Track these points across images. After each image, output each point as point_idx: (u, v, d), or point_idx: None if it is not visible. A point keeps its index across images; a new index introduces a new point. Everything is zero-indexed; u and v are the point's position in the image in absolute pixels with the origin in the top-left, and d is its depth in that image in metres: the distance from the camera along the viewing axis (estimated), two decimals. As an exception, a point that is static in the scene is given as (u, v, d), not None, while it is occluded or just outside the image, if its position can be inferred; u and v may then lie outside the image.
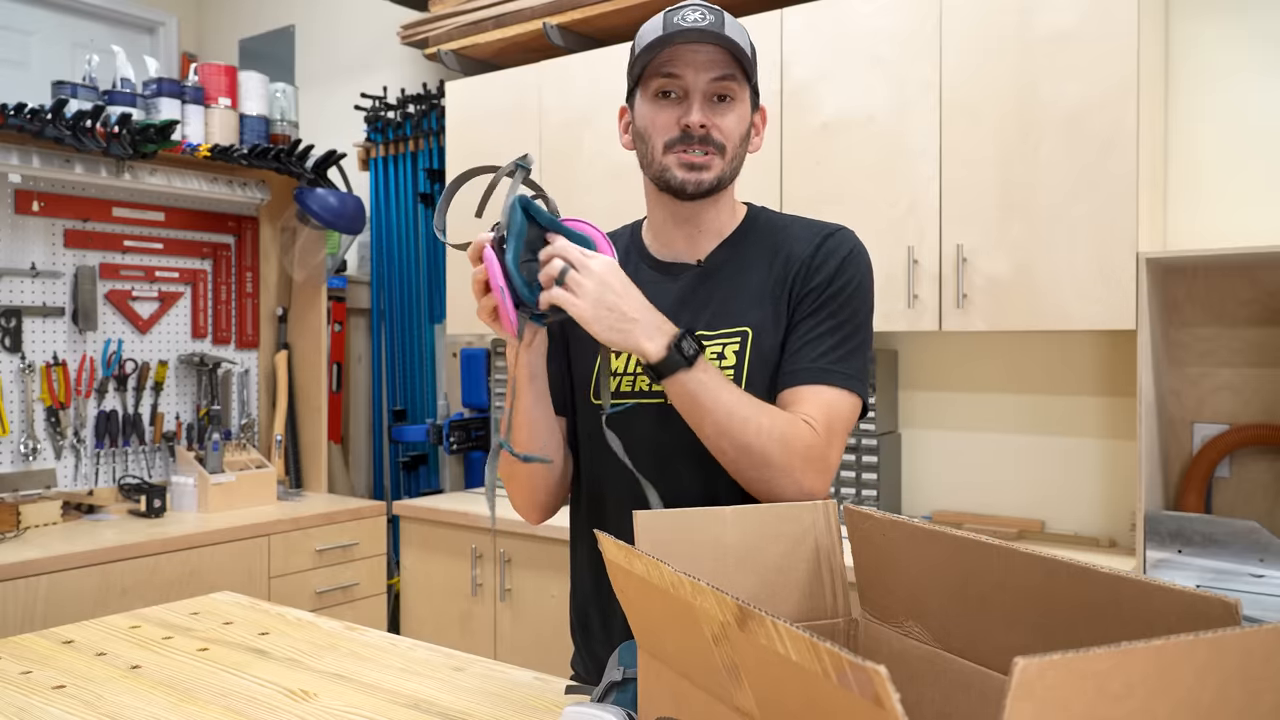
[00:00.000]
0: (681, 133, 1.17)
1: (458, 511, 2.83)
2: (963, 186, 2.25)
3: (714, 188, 1.19)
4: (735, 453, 1.11)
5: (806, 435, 1.12)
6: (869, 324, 1.22)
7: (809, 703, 0.56)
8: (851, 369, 1.17)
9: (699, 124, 1.16)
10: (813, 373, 1.16)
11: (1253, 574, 1.96)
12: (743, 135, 1.20)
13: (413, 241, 3.67)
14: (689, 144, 1.17)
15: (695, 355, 1.09)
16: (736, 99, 1.18)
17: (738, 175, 1.23)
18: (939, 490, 2.63)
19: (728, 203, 1.26)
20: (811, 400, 1.15)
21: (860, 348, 1.19)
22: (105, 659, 1.34)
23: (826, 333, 1.17)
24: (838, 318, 1.18)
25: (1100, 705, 0.48)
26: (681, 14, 1.15)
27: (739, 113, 1.19)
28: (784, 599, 0.95)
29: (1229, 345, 2.22)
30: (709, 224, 1.25)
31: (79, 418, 2.82)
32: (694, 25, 1.13)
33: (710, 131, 1.17)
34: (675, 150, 1.18)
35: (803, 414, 1.14)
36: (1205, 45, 2.27)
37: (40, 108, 2.50)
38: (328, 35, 4.15)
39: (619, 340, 1.07)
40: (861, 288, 1.20)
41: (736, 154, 1.20)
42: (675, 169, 1.18)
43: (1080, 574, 0.71)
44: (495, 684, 1.21)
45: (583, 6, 2.88)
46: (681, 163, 1.18)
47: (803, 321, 1.18)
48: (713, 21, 1.14)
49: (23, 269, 2.72)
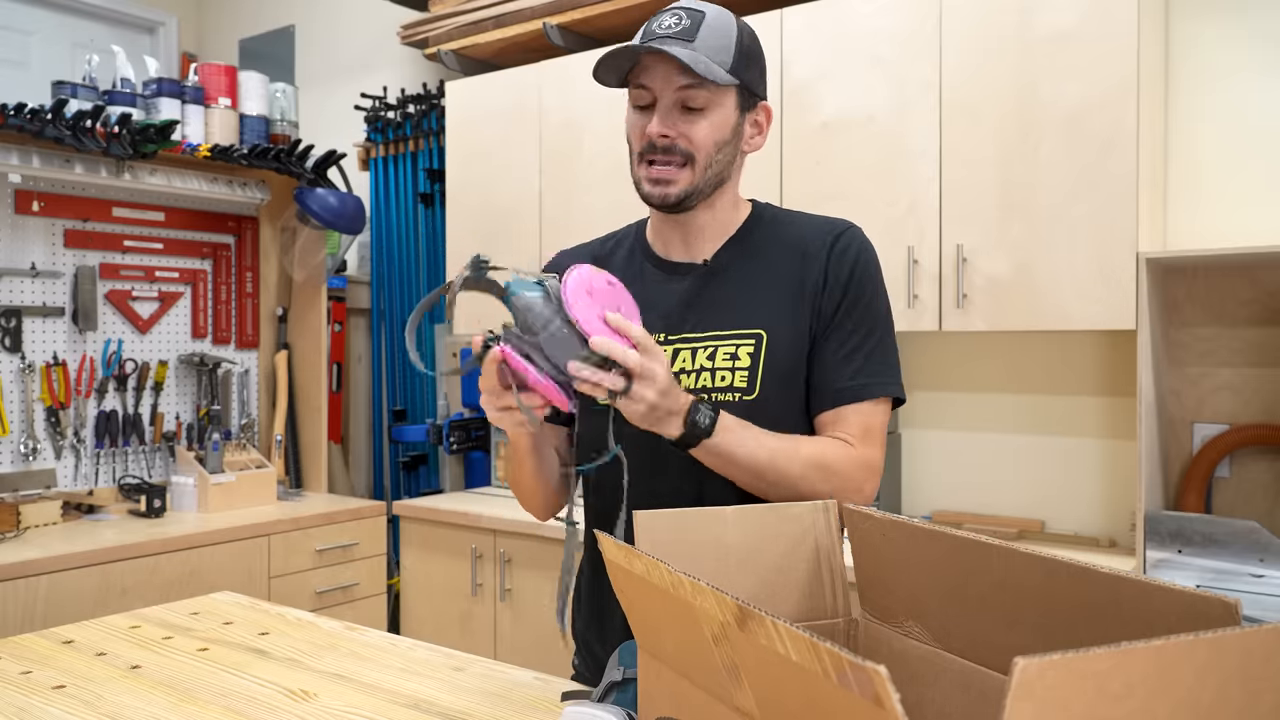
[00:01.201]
0: (649, 143, 1.17)
1: (458, 511, 2.83)
2: (963, 186, 2.25)
3: (683, 200, 1.18)
4: (778, 494, 1.12)
5: (845, 455, 1.15)
6: (889, 316, 1.24)
7: (809, 703, 0.56)
8: (884, 375, 1.19)
9: (659, 134, 1.15)
10: (849, 392, 1.18)
11: (1253, 574, 1.96)
12: (720, 141, 1.18)
13: (413, 241, 3.67)
14: (654, 154, 1.17)
15: (712, 423, 1.09)
16: (709, 106, 1.16)
17: (727, 179, 1.22)
18: (939, 490, 2.63)
19: (726, 203, 1.25)
20: (849, 419, 1.18)
21: (887, 347, 1.21)
22: (105, 659, 1.34)
23: (856, 348, 1.19)
24: (863, 326, 1.19)
25: (1100, 705, 0.48)
26: (660, 19, 1.15)
27: (713, 120, 1.16)
28: (784, 599, 0.95)
29: (1229, 345, 2.22)
30: (705, 227, 1.25)
31: (79, 418, 2.82)
32: (666, 33, 1.13)
33: (675, 141, 1.16)
34: (644, 161, 1.18)
35: (839, 433, 1.17)
36: (1205, 45, 2.27)
37: (40, 108, 2.50)
38: (328, 35, 4.15)
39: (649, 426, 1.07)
40: (877, 289, 1.22)
41: (713, 161, 1.18)
42: (644, 182, 1.19)
43: (1080, 574, 0.71)
44: (495, 684, 1.21)
45: (583, 6, 2.88)
46: (648, 177, 1.18)
47: (830, 337, 1.19)
48: (685, 28, 1.13)
49: (23, 269, 2.72)
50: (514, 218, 3.03)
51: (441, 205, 3.54)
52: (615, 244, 1.34)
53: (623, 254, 1.31)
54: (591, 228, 2.77)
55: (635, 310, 1.10)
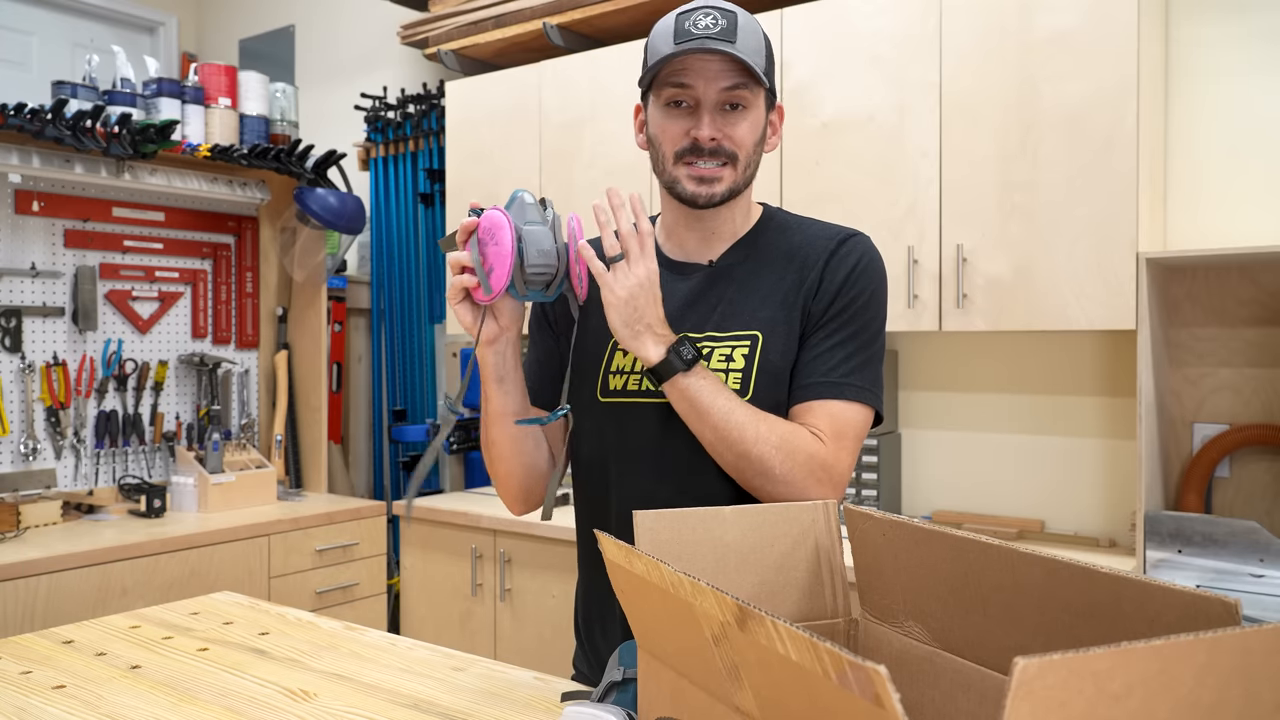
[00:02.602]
0: (692, 144, 1.16)
1: (458, 511, 2.83)
2: (963, 186, 2.25)
3: (725, 199, 1.19)
4: (734, 458, 1.12)
5: (809, 445, 1.12)
6: (882, 334, 1.21)
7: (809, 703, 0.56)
8: (864, 381, 1.17)
9: (709, 137, 1.15)
10: (824, 387, 1.16)
11: (1253, 574, 1.96)
12: (756, 141, 1.19)
13: (413, 241, 3.67)
14: (699, 155, 1.16)
15: (693, 360, 1.11)
16: (750, 106, 1.16)
17: (754, 179, 1.22)
18: (939, 490, 2.63)
19: (743, 206, 1.25)
20: (820, 412, 1.15)
21: (873, 359, 1.19)
22: (105, 659, 1.34)
23: (838, 345, 1.17)
24: (849, 329, 1.17)
25: (1100, 705, 0.48)
26: (694, 19, 1.13)
27: (752, 119, 1.17)
28: (784, 599, 0.95)
29: (1229, 345, 2.22)
30: (723, 227, 1.25)
31: (79, 418, 2.82)
32: (705, 33, 1.12)
33: (722, 143, 1.16)
34: (685, 161, 1.17)
35: (809, 425, 1.14)
36: (1205, 45, 2.27)
37: (40, 108, 2.50)
38: (328, 35, 4.15)
39: (628, 337, 1.11)
40: (874, 298, 1.20)
41: (750, 161, 1.19)
42: (685, 181, 1.18)
43: (1080, 574, 0.71)
44: (495, 684, 1.21)
45: (583, 6, 2.88)
46: (691, 175, 1.17)
47: (815, 334, 1.18)
48: (724, 28, 1.12)
49: (23, 269, 2.72)
50: (514, 218, 3.03)
51: (441, 205, 3.54)
52: None
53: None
54: (591, 227, 2.78)
55: None
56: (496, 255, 1.09)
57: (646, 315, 1.10)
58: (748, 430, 1.10)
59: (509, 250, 1.08)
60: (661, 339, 1.11)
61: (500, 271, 1.09)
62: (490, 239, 1.10)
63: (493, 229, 1.10)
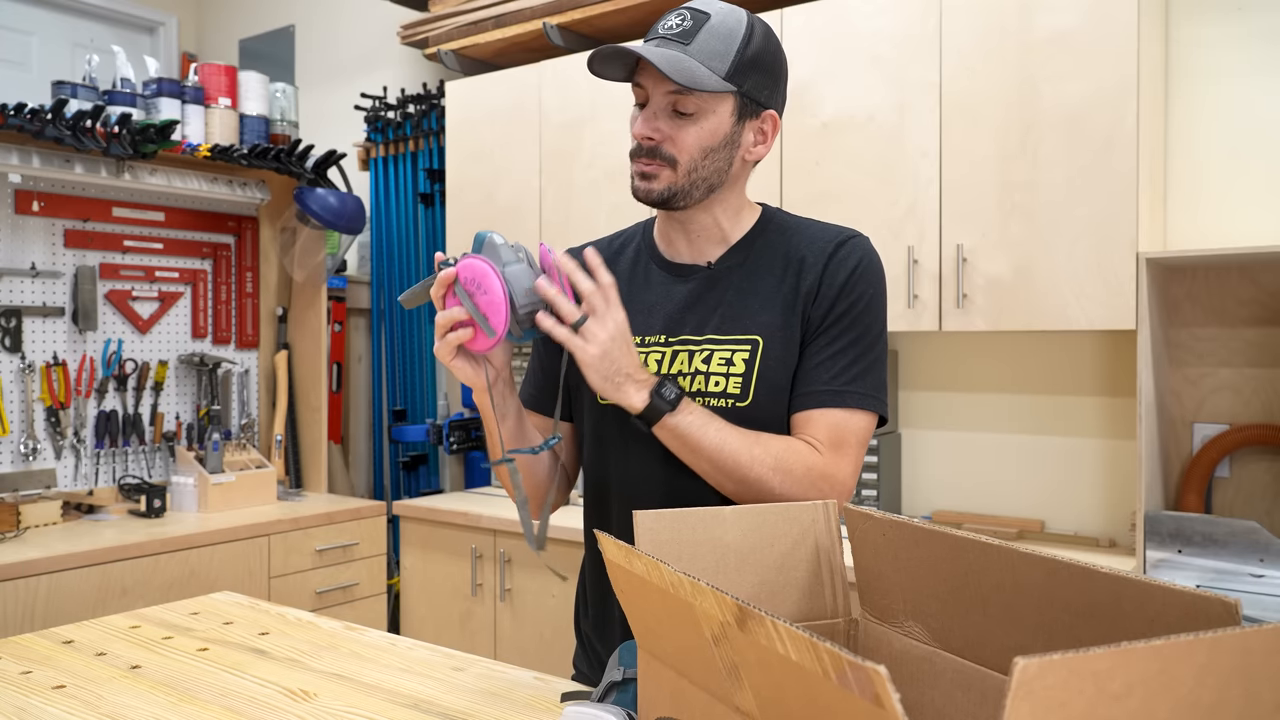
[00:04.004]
0: (638, 143, 1.18)
1: (458, 511, 2.83)
2: (963, 186, 2.25)
3: (666, 198, 1.18)
4: (735, 485, 1.13)
5: (806, 458, 1.12)
6: (883, 338, 1.21)
7: (809, 703, 0.56)
8: (865, 387, 1.16)
9: (644, 136, 1.16)
10: (825, 395, 1.16)
11: (1253, 574, 1.96)
12: (708, 147, 1.16)
13: (413, 241, 3.67)
14: (640, 154, 1.17)
15: (677, 399, 1.11)
16: (700, 112, 1.14)
17: (719, 185, 1.20)
18: (939, 490, 2.63)
19: (728, 208, 1.24)
20: (820, 422, 1.15)
21: (874, 363, 1.18)
22: (105, 659, 1.34)
23: (839, 353, 1.16)
24: (850, 335, 1.17)
25: (1100, 705, 0.48)
26: (666, 19, 1.15)
27: (704, 126, 1.15)
28: (784, 599, 0.95)
29: (1229, 345, 2.22)
30: (706, 229, 1.24)
31: (79, 418, 2.82)
32: (667, 33, 1.13)
33: (660, 144, 1.15)
34: (635, 158, 1.18)
35: (807, 436, 1.14)
36: (1205, 45, 2.27)
37: (40, 108, 2.50)
38: (328, 35, 4.15)
39: (610, 390, 1.10)
40: (873, 301, 1.19)
41: (698, 166, 1.16)
42: (634, 178, 1.19)
43: (1080, 574, 0.71)
44: (495, 684, 1.21)
45: (583, 6, 2.88)
46: (635, 172, 1.19)
47: (815, 340, 1.17)
48: (686, 29, 1.12)
49: (23, 269, 2.72)
50: (514, 218, 3.03)
51: (441, 205, 3.54)
52: (622, 243, 1.34)
53: (630, 253, 1.31)
54: (591, 228, 2.79)
55: None
56: (488, 304, 1.07)
57: (624, 365, 1.09)
58: (742, 456, 1.11)
59: (501, 296, 1.06)
60: (643, 384, 1.10)
61: (496, 319, 1.07)
62: (477, 289, 1.08)
63: (477, 278, 1.08)
